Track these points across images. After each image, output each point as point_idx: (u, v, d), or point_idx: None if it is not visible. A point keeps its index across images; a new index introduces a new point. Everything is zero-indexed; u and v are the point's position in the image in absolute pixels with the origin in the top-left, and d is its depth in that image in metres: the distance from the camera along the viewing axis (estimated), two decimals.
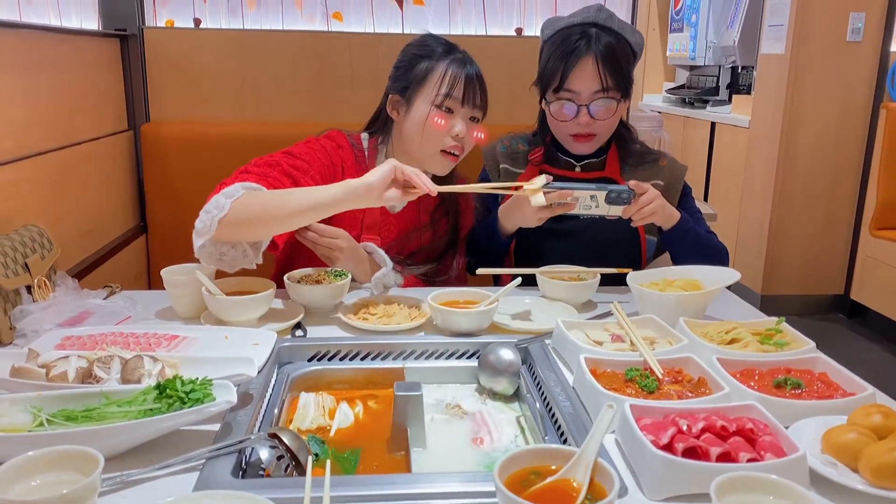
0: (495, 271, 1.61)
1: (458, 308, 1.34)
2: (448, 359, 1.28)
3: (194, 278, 1.35)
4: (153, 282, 2.28)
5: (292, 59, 2.28)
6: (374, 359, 1.27)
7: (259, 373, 1.09)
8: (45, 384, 0.99)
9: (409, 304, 1.43)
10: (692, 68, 5.59)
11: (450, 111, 1.56)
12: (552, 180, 1.50)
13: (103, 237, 2.04)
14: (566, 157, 1.74)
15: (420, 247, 1.72)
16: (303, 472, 0.87)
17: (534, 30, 2.45)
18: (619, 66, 1.61)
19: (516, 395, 1.20)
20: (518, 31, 2.46)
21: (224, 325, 1.32)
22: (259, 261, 1.40)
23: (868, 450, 0.84)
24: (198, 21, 2.36)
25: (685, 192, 1.77)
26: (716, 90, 5.10)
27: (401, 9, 2.39)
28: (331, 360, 1.26)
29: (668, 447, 0.85)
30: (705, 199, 4.79)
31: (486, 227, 1.73)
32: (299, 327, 1.34)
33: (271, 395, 1.12)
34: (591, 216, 1.56)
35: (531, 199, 1.43)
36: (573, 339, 1.20)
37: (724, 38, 4.92)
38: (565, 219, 1.61)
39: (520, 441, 1.09)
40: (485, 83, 1.59)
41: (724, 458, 0.84)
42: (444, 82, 1.55)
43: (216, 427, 0.97)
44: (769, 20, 4.06)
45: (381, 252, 1.56)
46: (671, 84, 6.00)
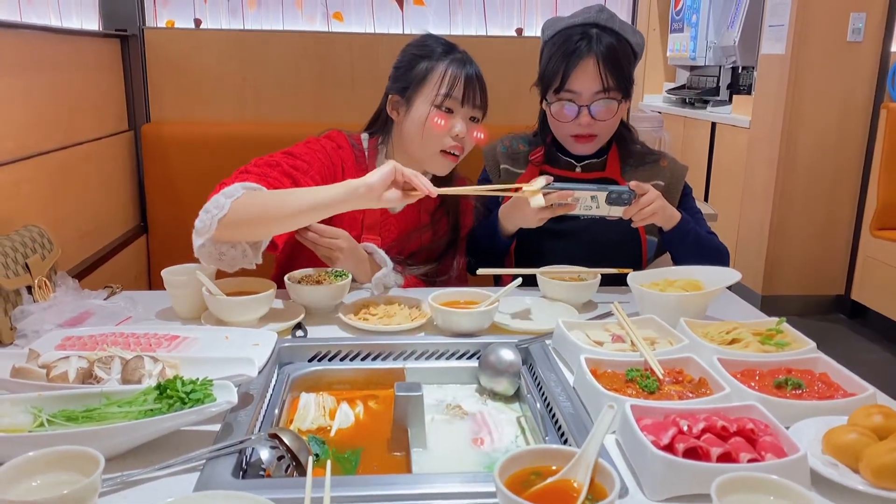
0: (496, 271, 1.61)
1: (459, 308, 1.34)
2: (448, 359, 1.28)
3: (195, 279, 1.35)
4: (154, 282, 2.28)
5: (293, 60, 2.28)
6: (374, 359, 1.27)
7: (259, 373, 1.09)
8: (46, 384, 0.99)
9: (409, 305, 1.43)
10: (692, 68, 5.59)
11: (450, 111, 1.56)
12: (552, 181, 1.51)
13: (104, 237, 2.04)
14: (567, 157, 1.74)
15: (420, 247, 1.72)
16: (303, 473, 0.87)
17: (534, 30, 2.45)
18: (620, 66, 1.61)
19: (517, 396, 1.20)
20: (518, 31, 2.46)
21: (224, 325, 1.32)
22: (259, 261, 1.40)
23: (869, 450, 0.84)
24: (198, 21, 2.36)
25: (686, 192, 1.77)
26: (716, 90, 5.10)
27: (401, 9, 2.39)
28: (331, 360, 1.26)
29: (669, 447, 0.85)
30: (706, 199, 4.78)
31: (486, 228, 1.73)
32: (300, 328, 1.33)
33: (272, 395, 1.12)
34: (591, 217, 1.56)
35: (530, 200, 1.44)
36: (574, 339, 1.20)
37: (724, 38, 4.92)
38: (566, 219, 1.61)
39: (520, 441, 1.09)
40: (484, 83, 1.59)
41: (725, 458, 0.84)
42: (444, 82, 1.55)
43: (217, 427, 0.97)
44: (769, 20, 4.06)
45: (381, 252, 1.56)
46: (671, 84, 6.00)
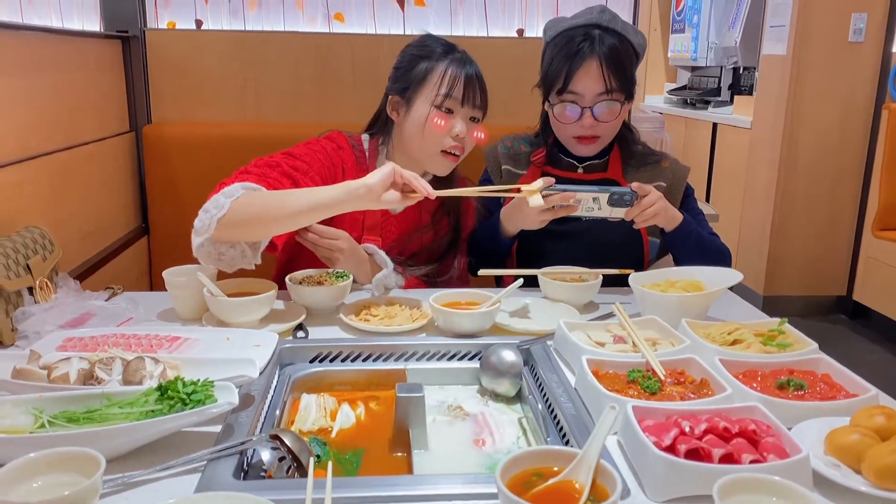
0: (497, 272, 1.61)
1: (460, 309, 1.33)
2: (450, 360, 1.28)
3: (196, 280, 1.35)
4: (155, 283, 2.28)
5: (294, 61, 2.28)
6: (375, 360, 1.27)
7: (260, 374, 1.09)
8: (47, 386, 0.99)
9: (410, 306, 1.43)
10: (694, 69, 5.58)
11: (450, 111, 1.56)
12: (553, 183, 1.50)
13: (105, 238, 2.04)
14: (568, 158, 1.74)
15: (421, 248, 1.72)
16: (304, 474, 0.87)
17: (535, 31, 2.45)
18: (622, 67, 1.61)
19: (518, 397, 1.20)
20: (519, 32, 2.45)
21: (225, 326, 1.32)
22: (258, 261, 1.40)
23: (871, 451, 0.84)
24: (199, 22, 2.36)
25: (687, 193, 1.77)
26: (717, 91, 5.09)
27: (402, 10, 2.39)
28: (332, 361, 1.26)
29: (671, 448, 0.85)
30: (707, 199, 4.78)
31: (487, 230, 1.72)
32: (301, 328, 1.33)
33: (273, 396, 1.12)
34: (593, 218, 1.56)
35: (529, 200, 1.43)
36: (575, 340, 1.19)
37: (725, 38, 4.91)
38: (568, 220, 1.61)
39: (522, 442, 1.09)
40: (484, 83, 1.59)
41: (727, 459, 0.84)
42: (444, 82, 1.54)
43: (218, 428, 0.97)
44: (771, 21, 4.06)
45: (381, 253, 1.56)
46: (673, 85, 5.99)
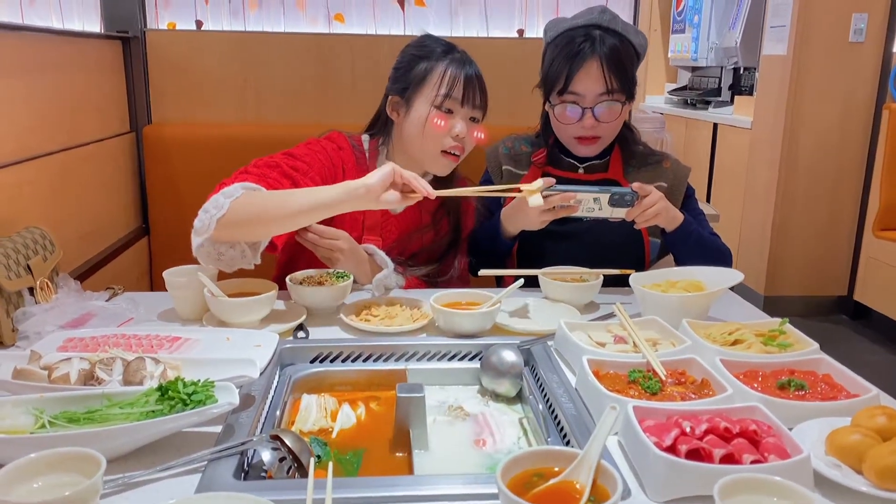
0: (498, 273, 1.61)
1: (461, 309, 1.33)
2: (450, 360, 1.28)
3: (196, 280, 1.35)
4: (155, 283, 2.28)
5: (294, 61, 2.28)
6: (376, 360, 1.27)
7: (261, 374, 1.09)
8: (48, 386, 0.99)
9: (411, 306, 1.43)
10: (694, 69, 5.58)
11: (449, 111, 1.55)
12: (554, 184, 1.50)
13: (105, 239, 2.04)
14: (569, 158, 1.74)
15: (421, 248, 1.72)
16: (305, 474, 0.87)
17: (535, 31, 2.45)
18: (623, 68, 1.60)
19: (519, 397, 1.20)
20: (520, 32, 2.45)
21: (226, 326, 1.32)
22: (257, 261, 1.40)
23: (872, 451, 0.84)
24: (200, 23, 2.36)
25: (688, 193, 1.77)
26: (718, 91, 5.09)
27: (402, 10, 2.40)
28: (333, 361, 1.26)
29: (672, 449, 0.85)
30: (708, 200, 4.78)
31: (488, 230, 1.72)
32: (301, 329, 1.33)
33: (273, 396, 1.12)
34: (594, 218, 1.56)
35: (528, 200, 1.42)
36: (576, 340, 1.19)
37: (726, 39, 4.91)
38: (568, 221, 1.61)
39: (522, 443, 1.09)
40: (484, 83, 1.59)
41: (728, 459, 0.84)
42: (444, 83, 1.54)
43: (218, 429, 0.97)
44: (771, 21, 4.06)
45: (381, 254, 1.56)
46: (673, 85, 5.99)
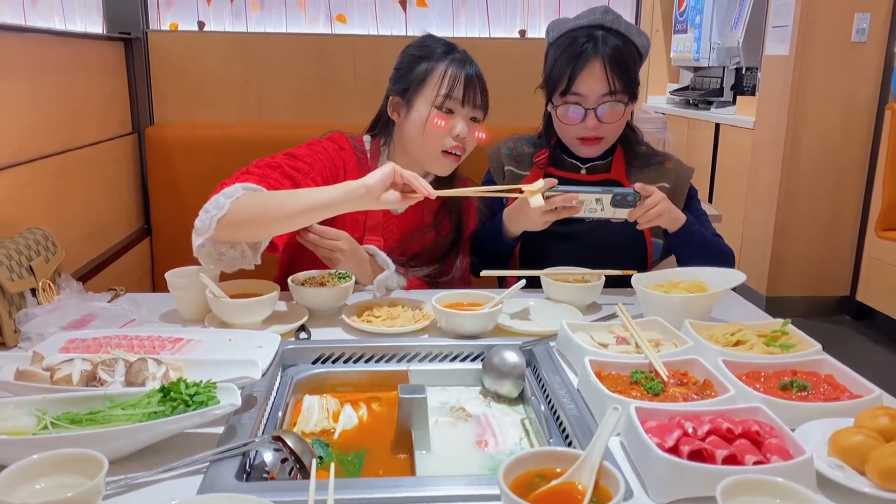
0: (499, 273, 1.60)
1: (463, 310, 1.33)
2: (452, 361, 1.28)
3: (198, 281, 1.35)
4: (157, 284, 2.29)
5: (296, 62, 2.28)
6: (378, 361, 1.27)
7: (263, 375, 1.09)
8: (50, 387, 0.99)
9: (412, 307, 1.43)
10: (696, 69, 5.58)
11: (450, 112, 1.55)
12: (556, 185, 1.50)
13: (107, 240, 2.05)
14: (571, 159, 1.74)
15: (423, 248, 1.72)
16: (307, 475, 0.87)
17: (537, 32, 2.44)
18: (626, 68, 1.60)
19: (521, 398, 1.20)
20: (521, 33, 2.45)
21: (228, 327, 1.32)
22: (257, 261, 1.40)
23: (875, 452, 0.84)
24: (202, 24, 2.36)
25: (691, 194, 1.76)
26: (720, 91, 5.09)
27: (404, 11, 2.40)
28: (335, 362, 1.26)
29: (674, 450, 0.85)
30: (710, 200, 4.78)
31: (490, 231, 1.72)
32: (303, 330, 1.33)
33: (275, 397, 1.12)
34: (596, 219, 1.56)
35: (529, 200, 1.41)
36: (578, 341, 1.19)
37: (728, 39, 4.91)
38: (571, 221, 1.61)
39: (524, 444, 1.08)
40: (485, 83, 1.59)
41: (730, 460, 0.83)
42: (444, 83, 1.54)
43: (220, 430, 0.97)
44: (773, 21, 4.05)
45: (382, 254, 1.56)
46: (675, 85, 5.99)
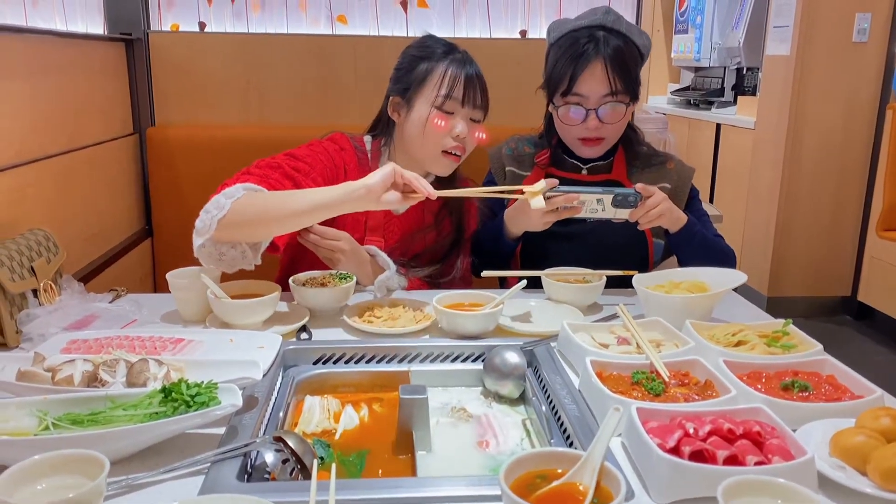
0: (500, 274, 1.60)
1: (464, 311, 1.33)
2: (453, 362, 1.28)
3: (199, 282, 1.35)
4: (158, 285, 2.29)
5: (297, 63, 2.28)
6: (379, 362, 1.27)
7: (264, 376, 1.09)
8: (51, 388, 0.99)
9: (413, 307, 1.43)
10: (697, 70, 5.58)
11: (450, 112, 1.55)
12: (557, 185, 1.50)
13: (109, 241, 2.05)
14: (572, 159, 1.74)
15: (424, 248, 1.72)
16: (308, 476, 0.87)
17: (538, 32, 2.44)
18: (627, 69, 1.60)
19: (522, 399, 1.20)
20: (522, 33, 2.45)
21: (229, 328, 1.32)
22: (258, 262, 1.40)
23: (877, 453, 0.84)
24: (203, 25, 2.37)
25: (692, 195, 1.76)
26: (721, 91, 5.09)
27: (405, 12, 2.40)
28: (336, 363, 1.26)
29: (675, 450, 0.85)
30: (711, 200, 4.77)
31: (491, 231, 1.72)
32: (304, 330, 1.33)
33: (276, 398, 1.12)
34: (597, 219, 1.55)
35: (531, 202, 1.41)
36: (579, 341, 1.19)
37: (729, 39, 4.91)
38: (572, 222, 1.61)
39: (525, 444, 1.08)
40: (485, 83, 1.59)
41: (732, 461, 0.83)
42: (444, 83, 1.54)
43: (221, 430, 0.97)
44: (774, 21, 4.05)
45: (383, 255, 1.56)
46: (676, 85, 5.99)
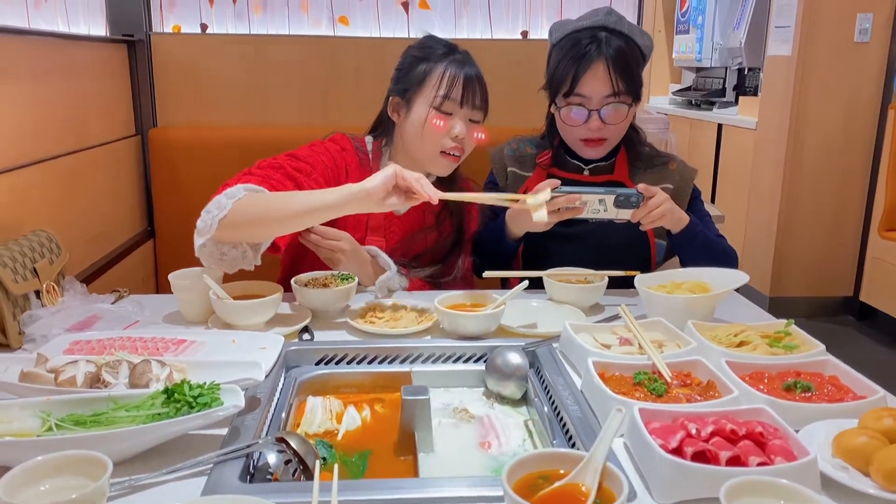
0: (502, 274, 1.60)
1: (465, 311, 1.33)
2: (455, 362, 1.28)
3: (201, 282, 1.35)
4: (161, 286, 2.29)
5: (298, 64, 2.28)
6: (381, 362, 1.27)
7: (266, 377, 1.09)
8: (54, 389, 1.00)
9: (415, 308, 1.43)
10: (698, 70, 5.58)
11: (448, 113, 1.55)
12: (560, 185, 1.50)
13: (111, 242, 2.05)
14: (574, 160, 1.74)
15: (425, 249, 1.72)
16: (310, 477, 0.87)
17: (539, 33, 2.45)
18: (629, 69, 1.60)
19: (524, 399, 1.20)
20: (523, 34, 2.46)
21: (231, 329, 1.32)
22: (258, 262, 1.41)
23: (879, 454, 0.84)
24: (204, 26, 2.37)
25: (694, 195, 1.76)
26: (722, 92, 5.09)
27: (406, 13, 2.40)
28: (338, 363, 1.26)
29: (678, 451, 0.85)
30: (712, 200, 4.77)
31: (493, 232, 1.72)
32: (306, 331, 1.34)
33: (279, 399, 1.12)
34: (599, 220, 1.56)
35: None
36: (581, 342, 1.19)
37: (730, 39, 4.91)
38: (574, 222, 1.60)
39: (528, 445, 1.08)
40: (485, 84, 1.59)
41: (734, 462, 0.83)
42: (443, 84, 1.54)
43: (224, 431, 0.97)
44: (776, 21, 4.05)
45: (384, 256, 1.56)
46: (677, 86, 5.99)
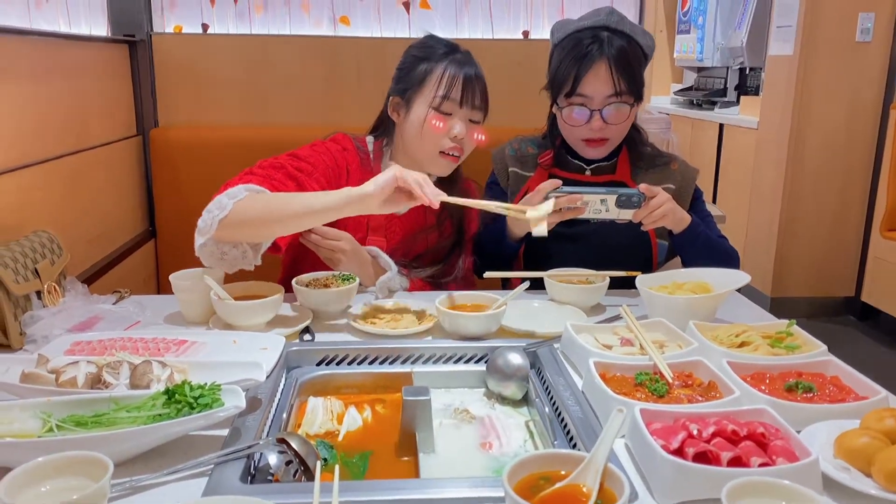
0: (503, 275, 1.60)
1: (467, 312, 1.33)
2: (456, 363, 1.28)
3: (202, 283, 1.35)
4: (162, 286, 2.29)
5: (300, 64, 2.28)
6: (382, 363, 1.27)
7: (267, 377, 1.09)
8: (55, 390, 1.00)
9: (416, 308, 1.43)
10: (700, 70, 5.57)
11: (448, 113, 1.55)
12: (561, 185, 1.50)
13: (112, 242, 2.05)
14: (576, 160, 1.74)
15: (426, 249, 1.72)
16: (311, 478, 0.87)
17: (540, 33, 2.44)
18: (631, 69, 1.60)
19: (525, 400, 1.19)
20: (525, 34, 2.45)
21: (232, 329, 1.32)
22: (258, 262, 1.41)
23: (881, 454, 0.83)
24: (206, 26, 2.37)
25: (696, 196, 1.76)
26: (724, 91, 5.08)
27: (407, 13, 2.40)
28: (339, 364, 1.26)
29: (679, 452, 0.85)
30: (714, 200, 4.77)
31: (494, 233, 1.72)
32: (307, 331, 1.34)
33: (280, 399, 1.12)
34: (601, 220, 1.55)
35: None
36: (582, 342, 1.19)
37: (731, 39, 4.90)
38: (575, 223, 1.60)
39: (529, 446, 1.08)
40: (485, 84, 1.59)
41: (736, 462, 0.83)
42: (442, 84, 1.54)
43: (225, 432, 0.97)
44: (777, 21, 4.04)
45: (384, 256, 1.56)
46: (679, 86, 5.98)
